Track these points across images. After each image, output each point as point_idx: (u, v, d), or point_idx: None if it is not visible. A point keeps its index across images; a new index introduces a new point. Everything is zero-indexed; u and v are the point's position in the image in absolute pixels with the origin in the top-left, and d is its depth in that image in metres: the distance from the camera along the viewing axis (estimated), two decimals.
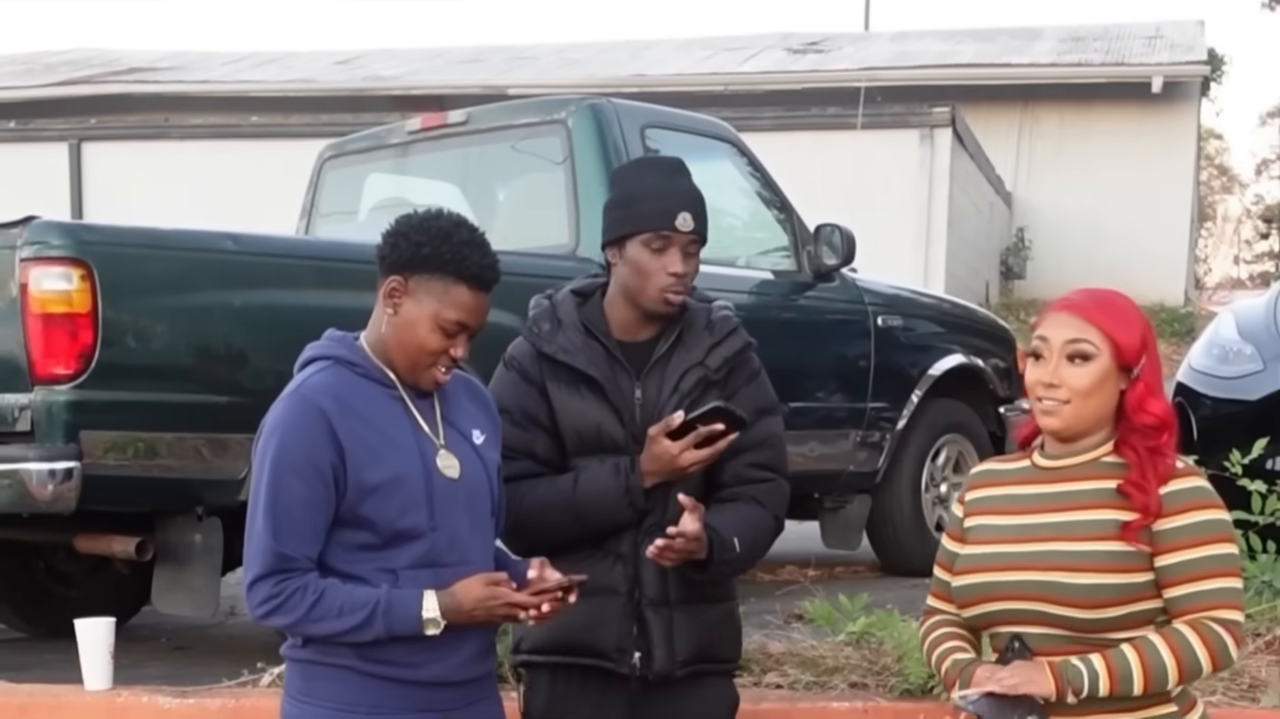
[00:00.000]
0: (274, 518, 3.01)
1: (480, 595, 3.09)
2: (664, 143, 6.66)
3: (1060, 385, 3.01)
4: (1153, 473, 2.96)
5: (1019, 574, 3.02)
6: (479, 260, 3.13)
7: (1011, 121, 23.02)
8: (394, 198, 7.39)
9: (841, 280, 7.22)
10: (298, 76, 24.92)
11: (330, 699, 3.10)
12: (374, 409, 3.12)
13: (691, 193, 3.54)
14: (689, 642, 3.54)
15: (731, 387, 3.57)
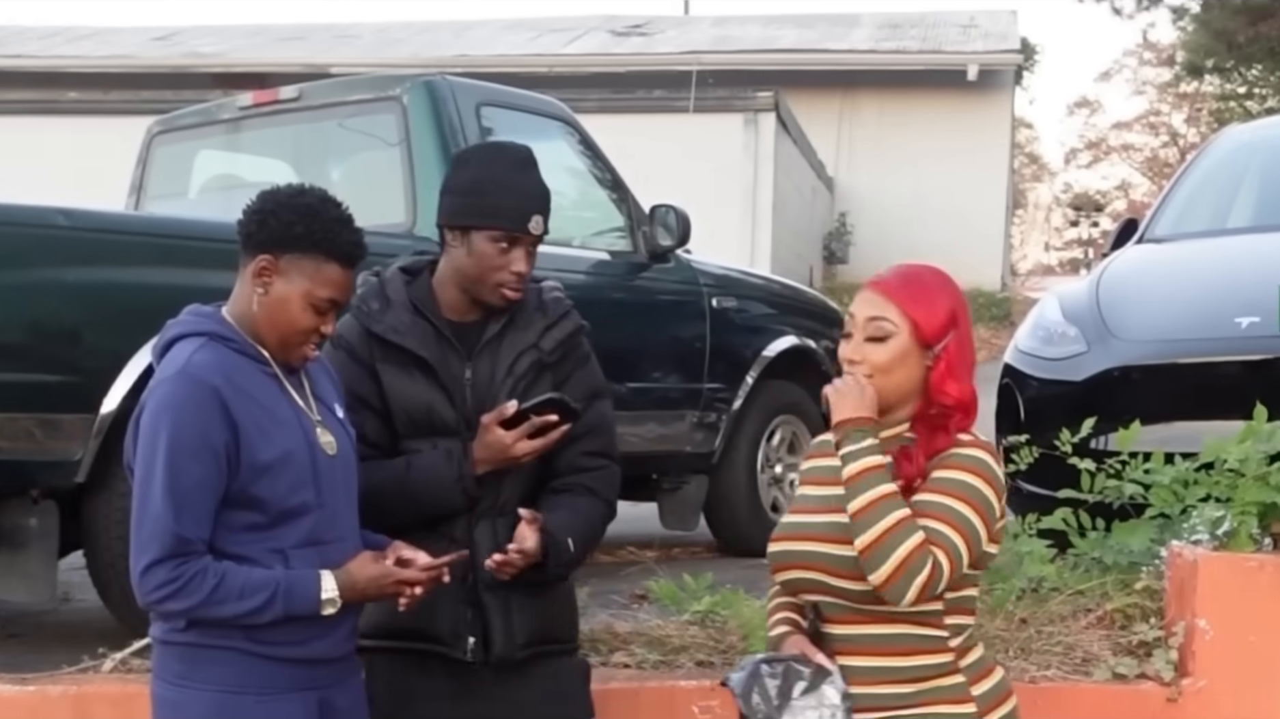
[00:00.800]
0: (174, 500, 2.97)
1: (373, 573, 3.12)
2: (499, 121, 6.63)
3: (862, 362, 3.06)
4: (925, 446, 3.05)
5: (805, 544, 3.10)
6: (349, 237, 3.13)
7: (832, 107, 23.29)
8: (225, 175, 7.28)
9: (677, 261, 7.23)
10: (116, 52, 24.42)
11: (214, 682, 3.07)
12: (256, 386, 3.10)
13: (543, 192, 3.53)
14: (529, 624, 3.54)
15: (564, 370, 3.58)
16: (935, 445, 3.05)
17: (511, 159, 3.57)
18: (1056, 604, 4.91)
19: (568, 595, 3.70)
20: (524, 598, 3.53)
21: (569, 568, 3.57)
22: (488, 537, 3.51)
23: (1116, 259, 7.12)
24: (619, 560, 7.35)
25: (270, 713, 3.09)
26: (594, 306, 6.75)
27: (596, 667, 4.73)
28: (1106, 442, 5.54)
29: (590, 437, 3.59)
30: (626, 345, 6.87)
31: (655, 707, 4.58)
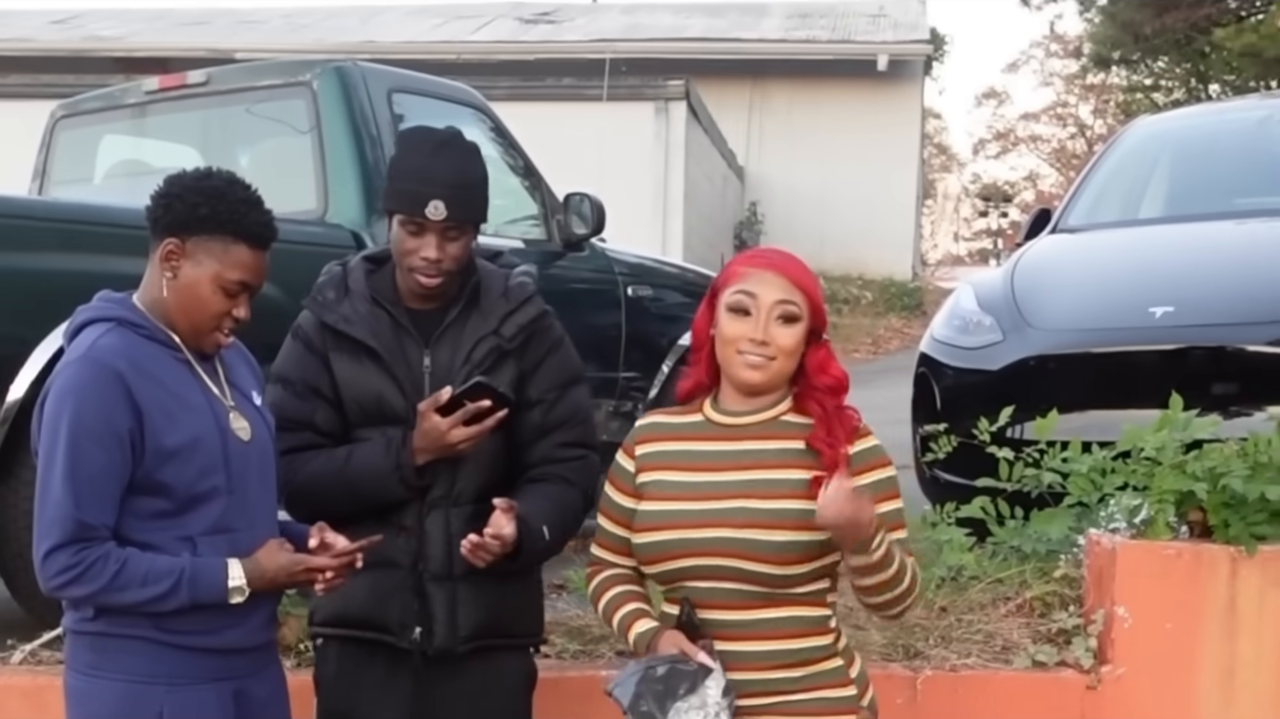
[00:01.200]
0: (75, 485, 2.93)
1: (282, 562, 3.09)
2: (410, 108, 6.56)
3: (770, 343, 3.08)
4: (840, 430, 3.09)
5: (710, 531, 3.08)
6: (257, 218, 3.10)
7: (742, 97, 23.35)
8: (131, 160, 7.17)
9: (591, 250, 7.19)
10: (13, 35, 24.04)
11: (124, 671, 3.04)
12: (165, 371, 3.06)
13: (450, 178, 3.42)
14: (474, 616, 3.50)
15: (532, 357, 3.54)
16: (850, 426, 3.12)
17: (423, 143, 3.50)
18: (976, 592, 4.92)
19: (527, 589, 3.64)
20: (473, 589, 3.48)
21: (543, 556, 3.53)
22: (439, 527, 3.48)
23: (1031, 249, 7.15)
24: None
25: (181, 703, 3.06)
26: None
27: None
28: (1024, 430, 5.57)
29: (565, 428, 3.56)
30: None
31: (576, 696, 4.52)
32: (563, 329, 3.65)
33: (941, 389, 6.40)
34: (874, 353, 19.52)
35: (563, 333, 3.64)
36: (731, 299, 3.11)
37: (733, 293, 3.11)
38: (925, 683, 4.54)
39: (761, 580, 3.05)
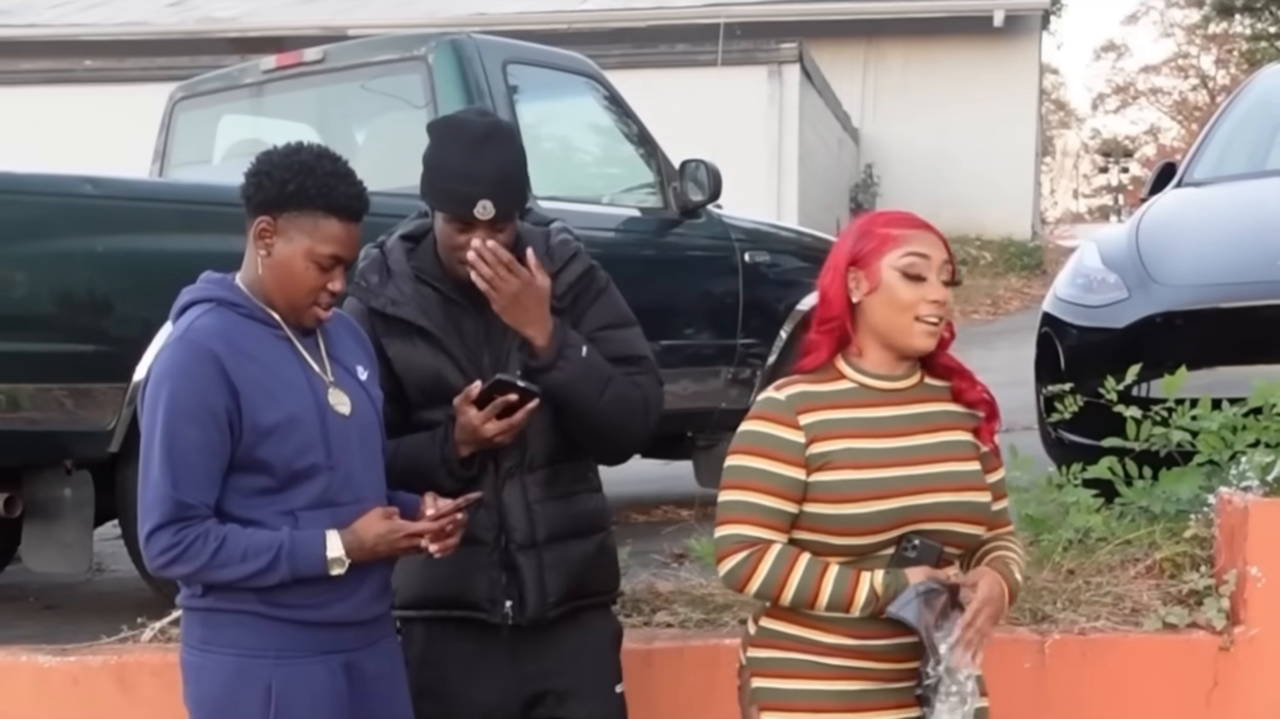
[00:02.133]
0: (171, 465, 2.96)
1: (380, 530, 3.08)
2: (525, 79, 6.58)
3: (946, 304, 3.05)
4: (984, 400, 3.14)
5: (928, 497, 3.02)
6: (346, 191, 3.09)
7: (856, 57, 23.14)
8: (249, 139, 7.20)
9: (708, 216, 7.17)
10: (130, 19, 24.29)
11: (234, 645, 3.07)
12: (263, 350, 3.08)
13: (495, 174, 3.36)
14: (561, 581, 3.49)
15: (579, 308, 3.51)
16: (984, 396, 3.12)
17: (463, 137, 3.41)
18: (1104, 554, 4.86)
19: (602, 546, 3.63)
20: (556, 553, 3.49)
21: (571, 381, 3.39)
22: (517, 496, 3.48)
23: (1155, 204, 7.03)
24: (656, 520, 7.32)
25: (289, 676, 3.08)
26: (625, 264, 6.73)
27: (639, 626, 4.72)
28: (1151, 388, 5.49)
29: (621, 362, 3.50)
30: (659, 303, 6.79)
31: (699, 665, 4.54)
32: (608, 279, 3.60)
33: (1066, 349, 6.32)
34: (994, 314, 19.34)
35: (607, 283, 3.59)
36: (903, 262, 3.04)
37: (902, 256, 3.04)
38: (1053, 647, 4.49)
39: (965, 543, 3.08)
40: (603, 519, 3.64)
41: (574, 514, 3.53)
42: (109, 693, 4.58)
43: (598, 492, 3.65)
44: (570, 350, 3.38)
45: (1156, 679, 4.51)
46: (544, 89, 6.87)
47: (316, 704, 3.09)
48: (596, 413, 3.42)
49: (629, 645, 4.54)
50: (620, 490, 8.46)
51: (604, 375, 3.42)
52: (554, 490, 3.49)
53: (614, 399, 3.43)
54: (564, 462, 3.52)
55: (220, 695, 3.08)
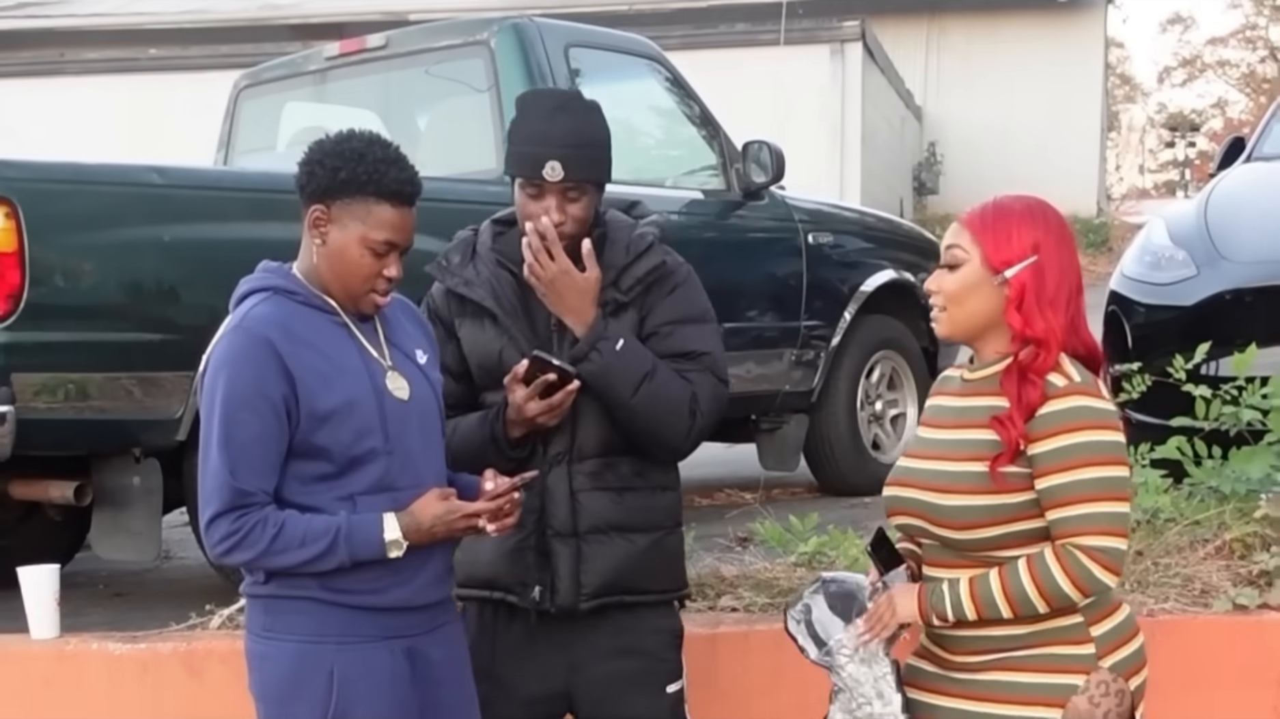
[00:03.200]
0: (229, 453, 2.98)
1: (437, 511, 3.08)
2: (587, 62, 6.57)
3: (938, 292, 3.02)
4: (1019, 405, 2.92)
5: (907, 491, 3.05)
6: (397, 175, 3.09)
7: (919, 35, 23.03)
8: (313, 126, 7.22)
9: (770, 198, 7.15)
10: (193, 7, 24.42)
11: (296, 632, 3.08)
12: (320, 336, 3.09)
13: (567, 138, 3.36)
14: (599, 573, 3.46)
15: (651, 301, 3.49)
16: (1029, 402, 2.91)
17: (540, 106, 3.46)
18: (1173, 535, 4.83)
19: (658, 544, 3.56)
20: (598, 546, 3.46)
21: (605, 372, 3.37)
22: (562, 484, 3.45)
23: (1224, 179, 6.96)
24: (720, 503, 7.33)
25: (351, 661, 3.07)
26: (688, 246, 6.69)
27: (703, 611, 4.72)
28: (1220, 367, 5.44)
29: (681, 357, 3.47)
30: (722, 284, 6.71)
31: (765, 649, 4.53)
32: (688, 273, 3.56)
33: (1133, 327, 6.27)
34: None
35: (687, 277, 3.55)
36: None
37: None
38: None
39: (949, 543, 3.00)
40: (663, 516, 3.57)
41: (626, 508, 3.49)
42: (178, 679, 4.63)
43: (666, 489, 3.59)
44: (605, 343, 3.38)
45: (1226, 661, 4.48)
46: (606, 72, 6.86)
47: (379, 688, 3.09)
48: (629, 407, 3.41)
49: (692, 630, 4.56)
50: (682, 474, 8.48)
51: (641, 371, 3.39)
52: (604, 482, 3.46)
53: (649, 395, 3.40)
54: (620, 455, 3.48)
55: (284, 682, 3.09)
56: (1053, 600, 2.89)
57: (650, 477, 3.54)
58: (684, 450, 3.55)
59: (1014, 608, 2.90)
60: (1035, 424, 2.90)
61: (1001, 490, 2.91)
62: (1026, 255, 2.96)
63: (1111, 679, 2.97)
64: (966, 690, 3.02)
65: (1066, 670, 2.95)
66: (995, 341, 3.02)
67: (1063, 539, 2.88)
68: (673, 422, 3.45)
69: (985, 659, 3.00)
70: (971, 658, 3.01)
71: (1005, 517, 2.93)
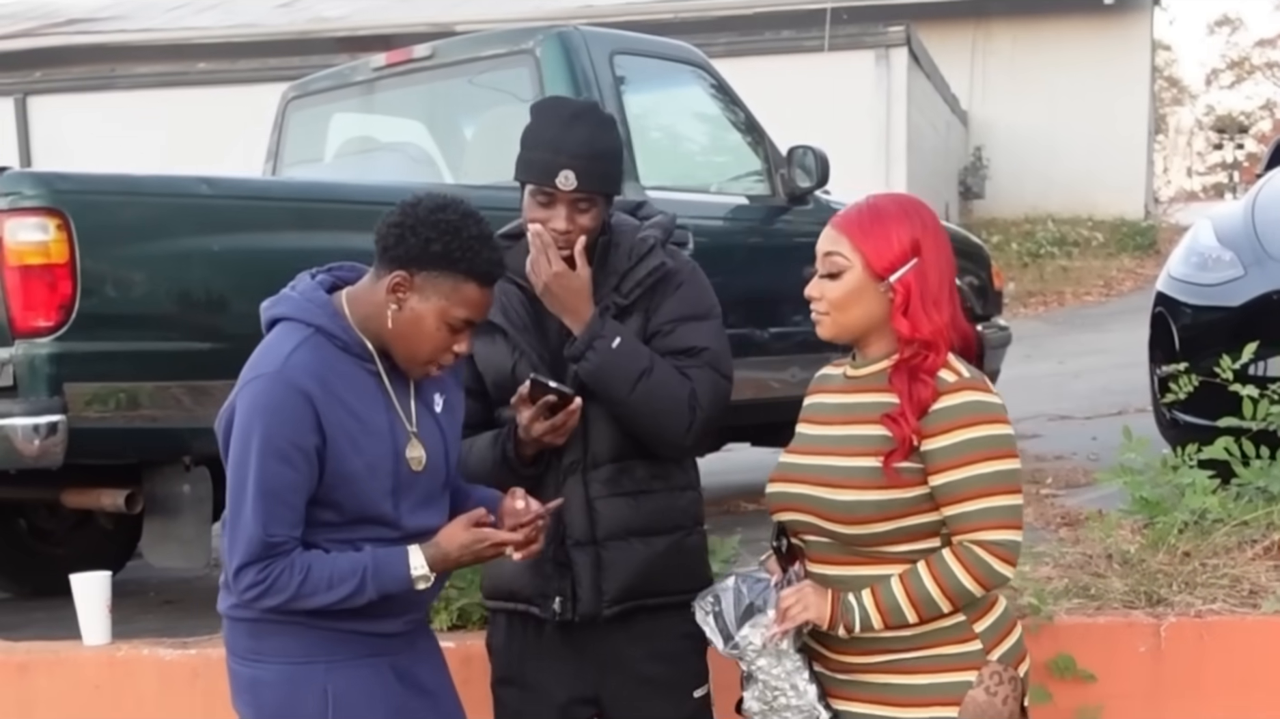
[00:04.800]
0: (263, 505, 2.95)
1: (465, 540, 3.07)
2: (632, 69, 6.59)
3: (820, 298, 3.06)
4: (910, 402, 2.95)
5: (794, 487, 3.06)
6: (489, 257, 3.04)
7: (964, 39, 22.97)
8: (360, 137, 7.30)
9: (816, 203, 7.14)
10: (241, 21, 24.62)
11: (283, 654, 3.08)
12: (352, 391, 3.04)
13: (582, 147, 3.34)
14: (619, 579, 3.46)
15: (655, 301, 3.48)
16: (920, 398, 2.94)
17: (558, 113, 3.42)
18: (1221, 536, 4.81)
19: (678, 545, 3.55)
20: (617, 552, 3.46)
21: (601, 367, 3.37)
22: (577, 492, 3.44)
23: (1272, 179, 6.93)
24: (765, 508, 7.30)
25: (344, 679, 3.09)
26: (733, 252, 6.76)
27: None
28: (1267, 367, 5.42)
29: (683, 353, 3.46)
30: (767, 290, 6.81)
31: None
32: (692, 271, 3.54)
33: (1180, 328, 6.25)
34: (1106, 295, 19.13)
35: (689, 275, 3.52)
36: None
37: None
38: (1169, 630, 4.43)
39: (839, 539, 3.00)
40: (681, 517, 3.56)
41: (644, 512, 3.48)
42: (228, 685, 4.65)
43: (684, 489, 3.58)
44: (600, 341, 3.37)
45: (1276, 661, 4.45)
46: (651, 79, 6.88)
47: (372, 704, 3.12)
48: (627, 404, 3.40)
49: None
50: (729, 479, 8.47)
51: (638, 368, 3.38)
52: (620, 487, 3.46)
53: (647, 393, 3.39)
54: (635, 458, 3.48)
55: (280, 705, 3.10)
56: (956, 599, 2.94)
57: (668, 478, 3.54)
58: (687, 446, 3.53)
59: (919, 611, 2.94)
60: (928, 420, 2.94)
61: (893, 485, 2.94)
62: (908, 258, 3.00)
63: (1003, 669, 3.02)
64: (857, 693, 3.06)
65: (956, 669, 3.00)
66: (880, 341, 3.05)
67: (960, 535, 2.94)
68: (672, 418, 3.43)
69: (873, 661, 3.03)
70: (858, 658, 3.04)
71: (897, 511, 2.96)
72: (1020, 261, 20.36)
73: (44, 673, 4.87)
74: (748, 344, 6.69)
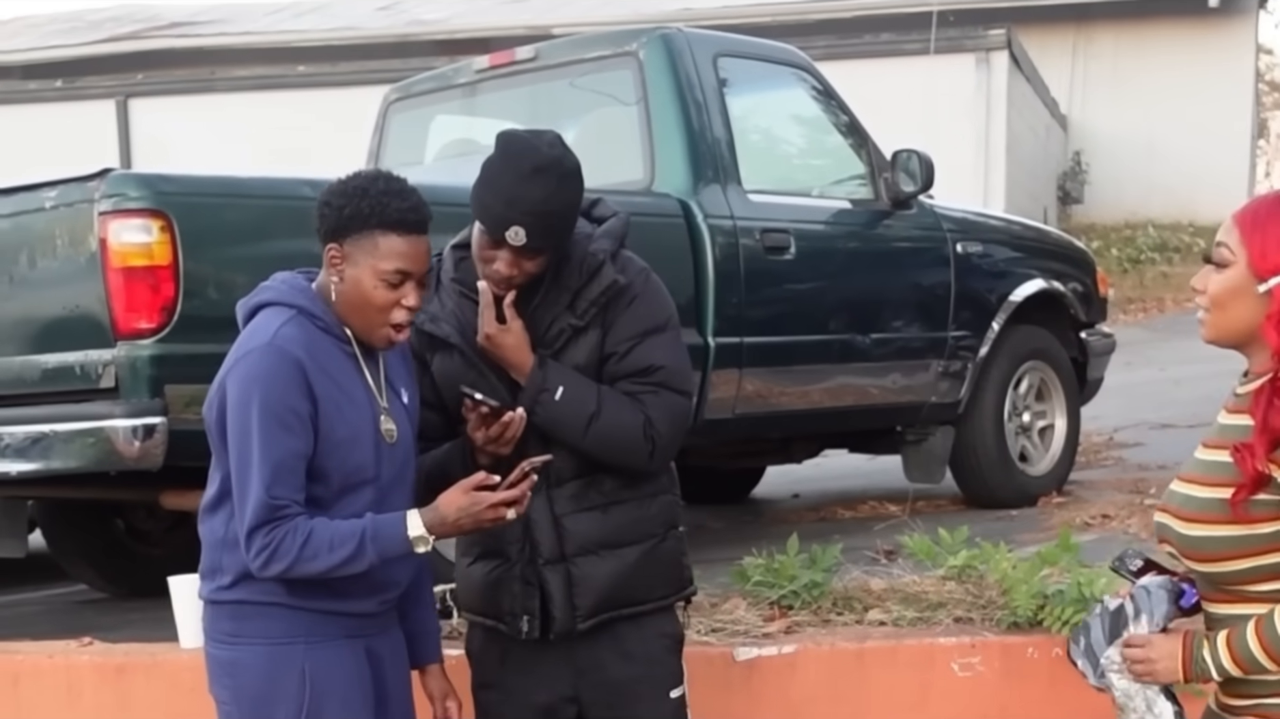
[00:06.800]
0: (267, 469, 3.05)
1: (462, 504, 3.14)
2: (736, 72, 6.57)
3: (1201, 291, 2.73)
4: (1262, 431, 2.62)
5: (1160, 516, 2.82)
6: (399, 205, 3.16)
7: (1065, 43, 22.76)
8: (461, 140, 7.28)
9: (919, 207, 7.08)
10: (340, 24, 24.79)
11: (263, 636, 3.18)
12: (334, 365, 3.18)
13: (538, 205, 3.29)
14: (592, 594, 3.46)
15: (610, 317, 3.45)
16: (1273, 427, 2.60)
17: (524, 160, 3.34)
18: None
19: (649, 554, 3.54)
20: (588, 567, 3.46)
21: (550, 419, 3.40)
22: (543, 510, 3.43)
23: None
24: (863, 515, 7.26)
25: (321, 659, 3.17)
26: (835, 256, 6.71)
27: (850, 624, 4.69)
28: None
29: (638, 374, 3.44)
30: (869, 295, 6.79)
31: (913, 664, 4.51)
32: (645, 282, 3.50)
33: None
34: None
35: (643, 287, 3.48)
36: None
37: None
38: None
39: (1203, 576, 2.76)
40: (653, 524, 3.54)
41: (613, 524, 3.48)
42: None
43: (655, 496, 3.56)
44: (544, 395, 3.38)
45: None
46: (754, 81, 6.84)
47: (348, 684, 3.20)
48: (582, 448, 3.43)
49: (840, 644, 4.52)
50: (826, 485, 8.42)
51: (585, 414, 3.38)
52: (587, 502, 3.47)
53: (599, 435, 3.41)
54: (601, 472, 3.47)
55: (260, 685, 3.18)
56: None
57: (638, 487, 3.52)
58: (653, 470, 3.53)
59: (1275, 659, 2.65)
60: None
61: (1243, 521, 2.64)
62: None
63: None
64: None
65: None
66: (1261, 354, 2.69)
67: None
68: (628, 452, 3.45)
69: (1242, 703, 2.78)
70: (1233, 700, 2.79)
71: (1251, 549, 2.66)
72: (1120, 267, 20.12)
73: (141, 675, 4.87)
74: (848, 350, 6.67)
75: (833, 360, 6.64)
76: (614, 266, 3.46)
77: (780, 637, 4.61)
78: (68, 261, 5.07)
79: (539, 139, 3.39)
